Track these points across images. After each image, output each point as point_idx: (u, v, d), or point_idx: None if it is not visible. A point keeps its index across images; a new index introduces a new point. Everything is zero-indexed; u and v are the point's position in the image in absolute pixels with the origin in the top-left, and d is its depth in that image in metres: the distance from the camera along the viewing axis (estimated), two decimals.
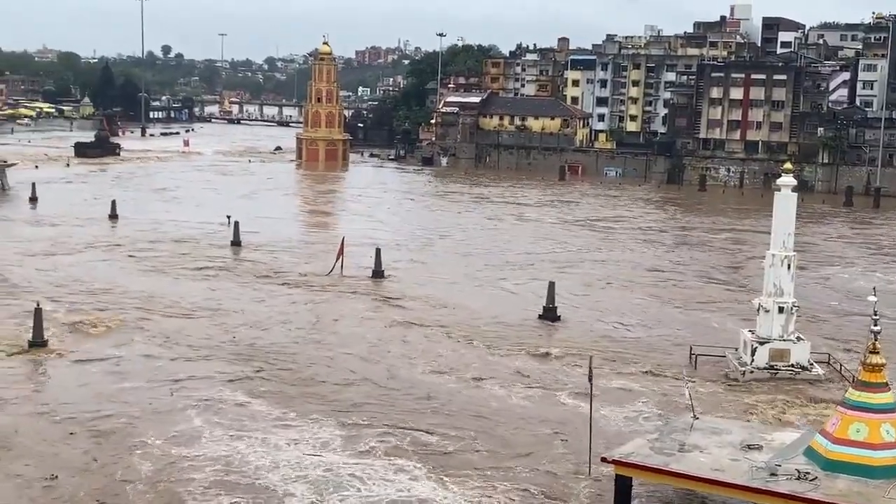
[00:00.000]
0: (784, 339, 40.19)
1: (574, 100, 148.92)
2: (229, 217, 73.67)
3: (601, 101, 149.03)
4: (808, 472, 24.76)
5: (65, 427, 32.15)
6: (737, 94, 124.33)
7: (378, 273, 58.03)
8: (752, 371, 39.71)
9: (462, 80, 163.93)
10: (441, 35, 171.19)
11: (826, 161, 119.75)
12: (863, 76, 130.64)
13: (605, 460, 26.84)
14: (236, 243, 67.22)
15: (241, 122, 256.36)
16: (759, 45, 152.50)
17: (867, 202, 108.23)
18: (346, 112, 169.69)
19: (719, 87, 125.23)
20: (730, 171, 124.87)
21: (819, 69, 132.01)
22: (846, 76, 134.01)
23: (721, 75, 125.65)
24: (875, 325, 26.22)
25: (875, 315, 26.88)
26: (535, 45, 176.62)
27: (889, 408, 25.25)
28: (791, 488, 24.17)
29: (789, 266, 40.56)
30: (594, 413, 31.11)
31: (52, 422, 32.68)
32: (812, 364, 40.39)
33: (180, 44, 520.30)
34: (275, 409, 34.51)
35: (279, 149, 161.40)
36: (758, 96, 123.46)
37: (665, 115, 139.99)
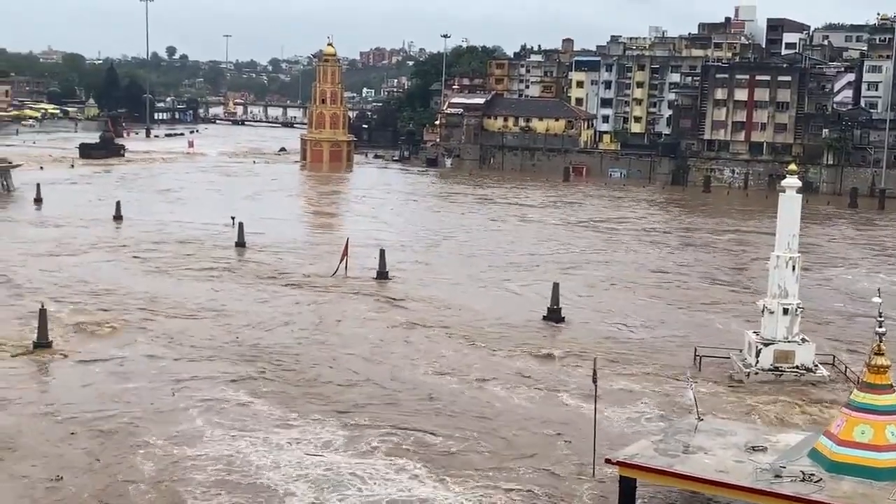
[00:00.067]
0: (789, 341, 40.12)
1: (578, 101, 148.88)
2: (234, 218, 73.68)
3: (605, 103, 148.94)
4: (813, 474, 24.69)
5: (68, 427, 32.20)
6: (741, 95, 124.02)
7: (382, 274, 58.03)
8: (757, 373, 39.64)
9: (466, 82, 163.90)
10: (445, 36, 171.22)
11: (831, 162, 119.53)
12: (867, 77, 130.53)
13: (609, 462, 26.79)
14: (241, 244, 67.30)
15: (246, 123, 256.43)
16: (763, 46, 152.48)
17: (872, 203, 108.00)
18: (350, 113, 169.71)
19: (724, 89, 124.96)
20: (734, 172, 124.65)
21: (824, 70, 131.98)
22: (851, 77, 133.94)
23: (725, 76, 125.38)
24: (880, 326, 26.17)
25: (880, 316, 26.85)
26: (539, 46, 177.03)
27: (894, 409, 25.16)
28: (796, 490, 24.10)
29: (794, 267, 40.48)
30: (597, 414, 31.06)
31: (56, 422, 32.75)
32: (817, 365, 40.30)
33: (181, 44, 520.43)
34: (277, 409, 34.53)
35: (283, 150, 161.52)
36: (762, 97, 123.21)
37: (669, 116, 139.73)
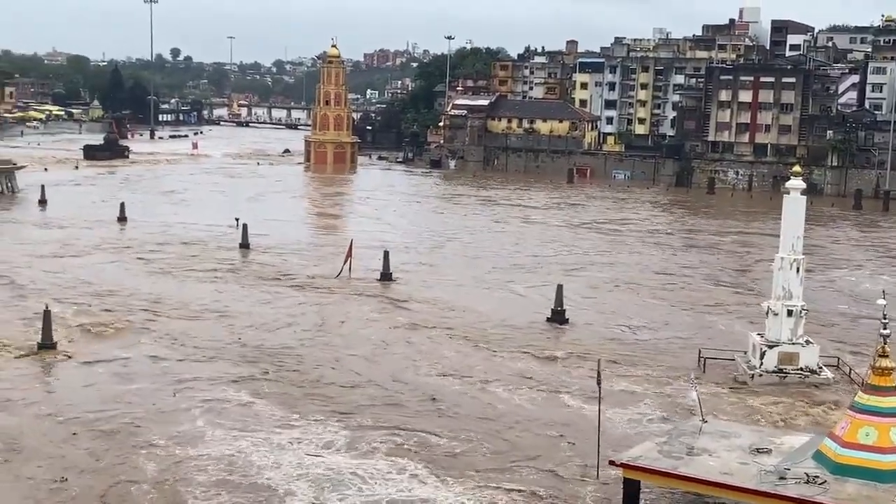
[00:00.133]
0: (793, 343, 40.03)
1: (582, 102, 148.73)
2: (238, 219, 73.67)
3: (609, 104, 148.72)
4: (817, 476, 24.66)
5: (71, 428, 32.21)
6: (745, 96, 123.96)
7: (386, 275, 58.01)
8: (761, 374, 39.54)
9: (470, 83, 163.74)
10: (449, 38, 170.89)
11: (835, 164, 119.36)
12: (872, 79, 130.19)
13: (613, 463, 26.75)
14: (245, 246, 67.33)
15: (250, 124, 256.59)
16: (767, 47, 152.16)
17: (876, 205, 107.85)
18: (354, 115, 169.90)
19: (728, 90, 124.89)
20: (738, 173, 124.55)
21: (828, 72, 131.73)
22: (855, 79, 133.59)
23: (730, 78, 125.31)
24: (884, 328, 26.12)
25: (884, 318, 26.83)
26: (543, 47, 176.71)
27: None
28: (800, 492, 24.06)
29: (798, 269, 40.40)
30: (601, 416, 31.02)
31: (59, 423, 32.77)
32: (821, 367, 40.22)
33: (182, 44, 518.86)
34: (279, 409, 34.54)
35: (287, 151, 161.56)
36: (767, 99, 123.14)
37: (674, 117, 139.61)
